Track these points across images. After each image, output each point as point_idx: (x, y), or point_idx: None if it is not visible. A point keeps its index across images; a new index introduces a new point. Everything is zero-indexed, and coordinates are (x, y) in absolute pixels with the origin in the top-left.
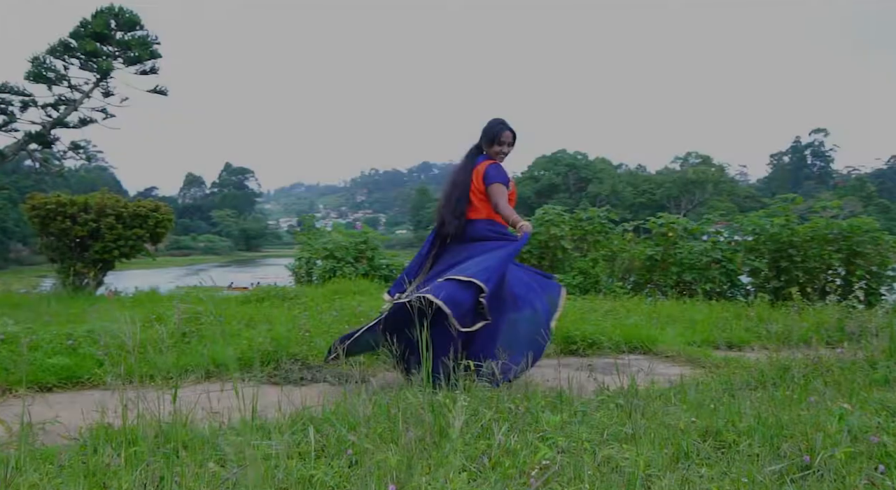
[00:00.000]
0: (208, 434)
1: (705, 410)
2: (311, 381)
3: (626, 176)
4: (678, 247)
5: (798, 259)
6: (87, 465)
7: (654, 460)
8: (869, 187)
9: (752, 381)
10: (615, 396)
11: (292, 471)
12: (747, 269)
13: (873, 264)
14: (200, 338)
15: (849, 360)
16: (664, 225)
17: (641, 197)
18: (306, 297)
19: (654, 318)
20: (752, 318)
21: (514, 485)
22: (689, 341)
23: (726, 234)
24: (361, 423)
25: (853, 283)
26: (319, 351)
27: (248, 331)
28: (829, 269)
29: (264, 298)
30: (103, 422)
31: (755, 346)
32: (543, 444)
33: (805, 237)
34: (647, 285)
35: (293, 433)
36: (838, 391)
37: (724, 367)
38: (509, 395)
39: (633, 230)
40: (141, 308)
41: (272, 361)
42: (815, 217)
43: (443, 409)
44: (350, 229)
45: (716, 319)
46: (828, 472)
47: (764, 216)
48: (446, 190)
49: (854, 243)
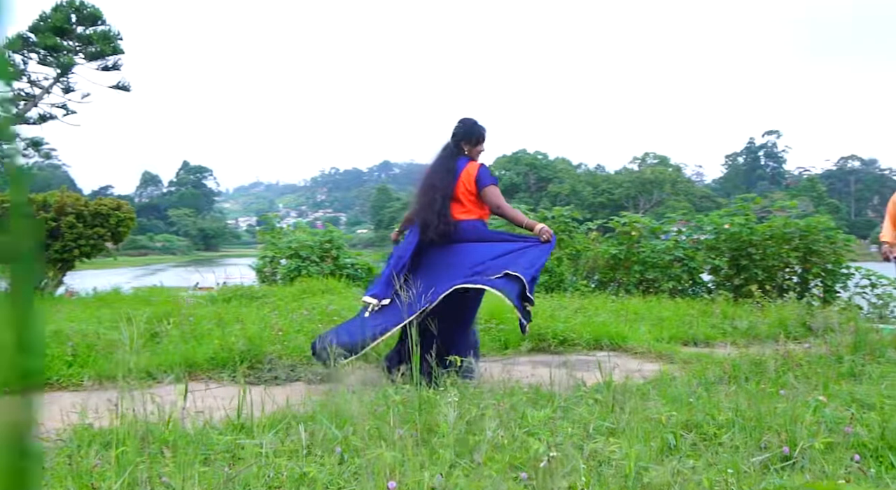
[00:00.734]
0: (193, 434)
1: (683, 404)
2: (286, 381)
3: (585, 176)
4: (641, 246)
5: (757, 257)
6: (73, 467)
7: (642, 453)
8: (820, 188)
9: (724, 375)
10: (593, 392)
11: (283, 469)
12: (708, 267)
13: (828, 262)
14: (171, 338)
15: (816, 355)
16: (627, 224)
17: (600, 196)
18: (274, 296)
19: (622, 315)
20: (716, 315)
21: (510, 479)
22: (657, 338)
23: (687, 234)
24: (349, 420)
25: (809, 280)
26: (293, 350)
27: (220, 330)
28: (787, 267)
29: (231, 298)
30: (85, 423)
31: (721, 342)
32: (532, 439)
33: (764, 236)
34: (610, 283)
35: (278, 432)
36: (808, 384)
37: (696, 362)
38: (491, 392)
39: (598, 229)
40: (108, 308)
41: (245, 361)
42: (773, 216)
43: (427, 405)
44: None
45: (682, 317)
46: (808, 463)
47: (724, 215)
48: (425, 192)
49: (810, 242)
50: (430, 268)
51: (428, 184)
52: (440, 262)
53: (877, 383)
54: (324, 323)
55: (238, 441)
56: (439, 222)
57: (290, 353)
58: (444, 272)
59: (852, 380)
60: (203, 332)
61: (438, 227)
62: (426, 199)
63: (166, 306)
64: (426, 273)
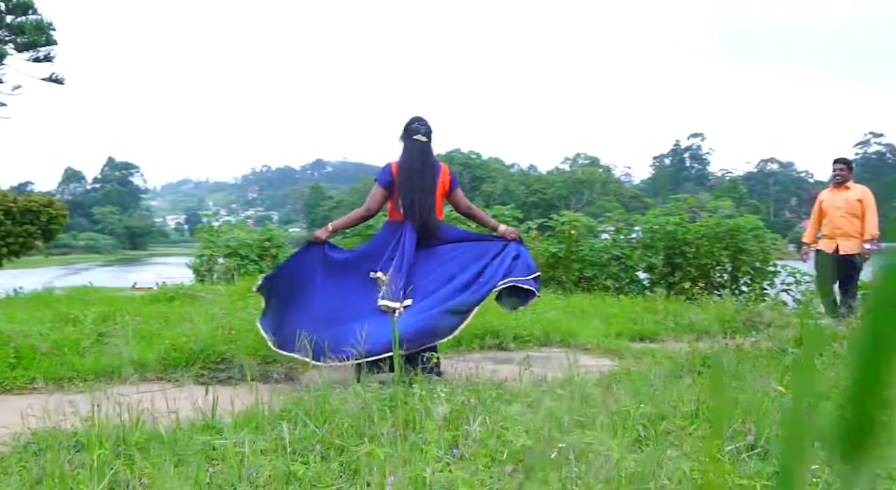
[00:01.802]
0: (166, 435)
1: (645, 397)
2: (241, 381)
3: (518, 175)
4: (580, 244)
5: (690, 255)
6: (44, 470)
7: (619, 445)
8: (741, 189)
9: (677, 369)
10: (556, 387)
11: (266, 468)
12: (644, 264)
13: (757, 260)
14: (119, 338)
15: (764, 349)
16: (567, 223)
17: (533, 196)
18: (218, 295)
19: (569, 312)
20: (659, 311)
21: (496, 472)
22: (605, 334)
23: (624, 233)
24: (328, 417)
25: (739, 278)
26: (246, 350)
27: (169, 330)
28: (718, 265)
29: (173, 297)
30: (48, 426)
31: (665, 337)
32: (508, 433)
33: (697, 235)
34: (550, 281)
35: (252, 430)
36: (762, 376)
37: (648, 357)
38: (459, 389)
39: (538, 228)
40: (48, 309)
41: (198, 361)
42: (705, 216)
43: (401, 402)
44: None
45: (628, 313)
46: (774, 450)
47: (659, 215)
48: (418, 191)
49: (740, 241)
50: (425, 270)
51: (423, 183)
52: (437, 267)
53: (822, 374)
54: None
55: (215, 441)
56: (432, 221)
57: (244, 352)
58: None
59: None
60: (152, 332)
61: (437, 229)
62: (427, 200)
63: (109, 306)
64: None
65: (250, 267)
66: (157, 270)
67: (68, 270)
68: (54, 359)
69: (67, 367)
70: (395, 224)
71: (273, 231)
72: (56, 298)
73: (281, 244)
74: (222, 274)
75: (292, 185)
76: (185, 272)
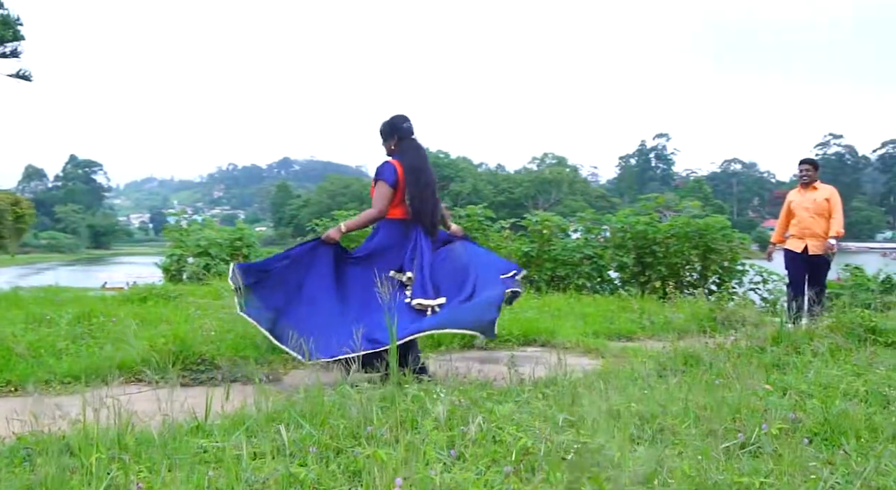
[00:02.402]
0: (158, 438)
1: (633, 397)
2: (223, 382)
3: (486, 175)
4: (552, 243)
5: (661, 255)
6: (39, 477)
7: (617, 445)
8: (706, 189)
9: (662, 368)
10: (542, 387)
11: (263, 470)
12: (615, 264)
13: (725, 260)
14: (94, 339)
15: (744, 347)
16: (539, 222)
17: (501, 195)
18: (192, 295)
19: (546, 311)
20: (634, 310)
21: (499, 473)
22: (583, 333)
23: (595, 232)
24: (325, 419)
25: (708, 277)
26: (226, 350)
27: (146, 331)
28: (688, 264)
29: (146, 298)
30: (35, 429)
31: (642, 336)
32: (504, 433)
33: (667, 234)
34: (523, 280)
35: (244, 433)
36: (744, 375)
37: (629, 356)
38: (449, 389)
39: (510, 227)
40: (18, 309)
41: (178, 362)
42: (672, 215)
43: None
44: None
45: (604, 312)
46: (763, 448)
47: (630, 215)
48: (426, 190)
49: (709, 240)
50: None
51: (430, 182)
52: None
53: (802, 372)
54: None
55: (213, 444)
56: (438, 224)
57: (224, 353)
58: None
59: (776, 370)
60: (129, 334)
61: (437, 228)
62: (434, 199)
63: (82, 306)
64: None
65: (221, 266)
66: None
67: (31, 270)
68: (31, 361)
69: (45, 370)
70: (400, 223)
71: (244, 230)
72: (26, 299)
73: (252, 243)
74: (191, 274)
75: (259, 184)
76: (153, 272)
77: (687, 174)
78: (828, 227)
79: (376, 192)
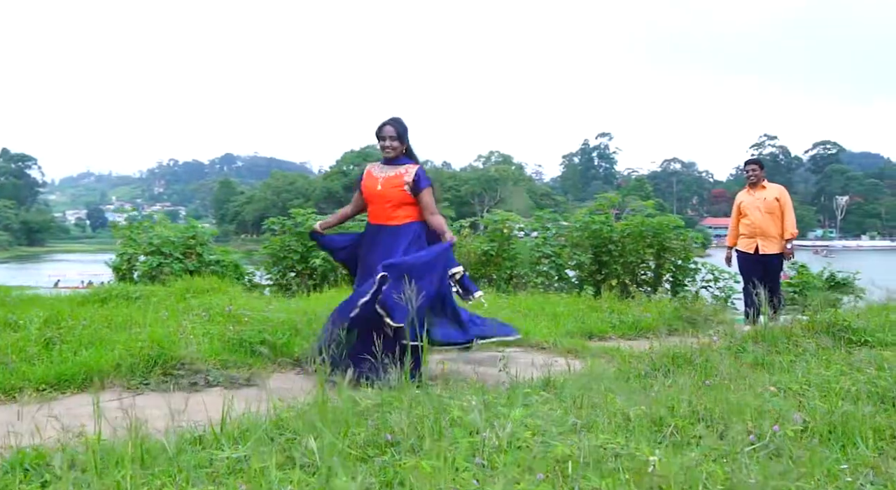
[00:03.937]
0: (169, 448)
1: (636, 398)
2: (206, 386)
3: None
4: (512, 242)
5: (617, 254)
6: None
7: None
8: (647, 187)
9: (648, 368)
10: (537, 389)
11: (295, 484)
12: (573, 262)
13: (679, 258)
14: (66, 344)
15: (724, 347)
16: (499, 221)
17: (447, 193)
18: (155, 296)
19: (517, 311)
20: (604, 310)
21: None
22: (557, 333)
23: (552, 231)
24: (344, 428)
25: (662, 275)
26: (206, 354)
27: (119, 334)
28: (643, 263)
29: (107, 298)
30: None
31: (613, 335)
32: (524, 439)
33: (622, 234)
34: (481, 279)
35: (256, 443)
36: (736, 375)
37: (609, 355)
38: (451, 393)
39: (470, 226)
40: None
41: (156, 367)
42: (627, 215)
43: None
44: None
45: (573, 312)
46: (776, 449)
47: (588, 214)
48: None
49: (663, 239)
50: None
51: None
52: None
53: (788, 371)
54: (225, 325)
55: (232, 455)
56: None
57: (203, 357)
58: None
59: (760, 369)
60: (102, 337)
61: None
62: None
63: (44, 308)
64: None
65: (174, 265)
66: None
67: None
68: (0, 367)
69: (17, 377)
70: (423, 224)
71: (197, 227)
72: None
73: (205, 241)
74: (142, 273)
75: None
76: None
77: (629, 173)
78: (780, 226)
79: (431, 198)
